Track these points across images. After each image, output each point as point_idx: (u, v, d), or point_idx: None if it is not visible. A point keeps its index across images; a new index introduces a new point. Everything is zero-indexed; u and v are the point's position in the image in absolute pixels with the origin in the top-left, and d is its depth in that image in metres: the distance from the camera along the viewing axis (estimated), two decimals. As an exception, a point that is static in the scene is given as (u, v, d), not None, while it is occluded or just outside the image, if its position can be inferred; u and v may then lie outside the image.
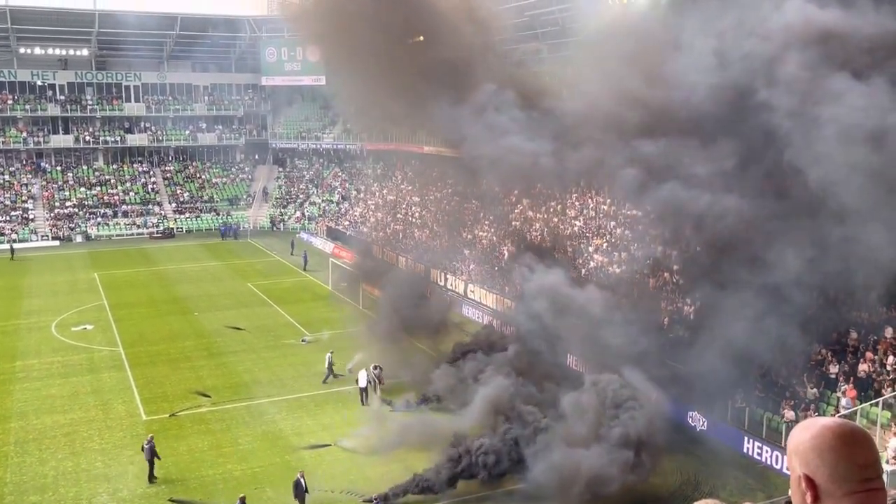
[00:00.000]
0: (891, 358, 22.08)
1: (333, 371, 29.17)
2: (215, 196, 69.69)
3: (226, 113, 73.84)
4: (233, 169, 73.74)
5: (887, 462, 18.82)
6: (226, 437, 24.48)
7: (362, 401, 27.09)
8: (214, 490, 21.20)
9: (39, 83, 67.78)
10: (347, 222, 60.65)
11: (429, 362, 29.38)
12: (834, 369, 23.04)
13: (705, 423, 23.82)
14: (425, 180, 58.16)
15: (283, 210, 68.98)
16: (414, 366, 29.19)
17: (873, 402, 21.05)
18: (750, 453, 22.20)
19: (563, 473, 19.63)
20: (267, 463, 22.78)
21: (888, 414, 20.54)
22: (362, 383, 27.18)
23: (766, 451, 21.71)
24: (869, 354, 22.73)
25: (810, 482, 1.92)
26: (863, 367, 22.47)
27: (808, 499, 1.91)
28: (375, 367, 27.67)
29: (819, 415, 22.03)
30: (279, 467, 22.51)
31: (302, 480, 20.11)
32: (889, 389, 21.13)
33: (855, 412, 21.14)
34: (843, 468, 1.90)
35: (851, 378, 22.37)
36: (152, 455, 21.78)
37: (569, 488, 19.32)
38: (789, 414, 22.23)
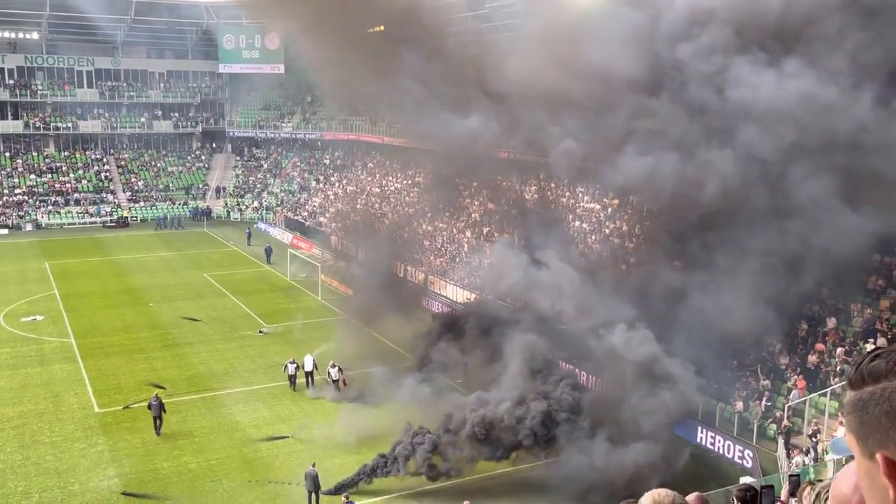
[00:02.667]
0: (839, 349, 22.67)
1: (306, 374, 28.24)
2: (171, 185, 68.51)
3: (182, 100, 72.53)
4: (189, 158, 72.56)
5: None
6: (181, 429, 24.16)
7: (308, 385, 26.99)
8: (169, 483, 20.92)
9: (-13, 67, 65.85)
10: (306, 213, 60.17)
11: (415, 339, 29.10)
12: (785, 360, 23.58)
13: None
14: (385, 171, 58.06)
15: (240, 200, 68.13)
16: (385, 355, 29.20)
17: (821, 391, 21.60)
18: (703, 443, 22.61)
19: (606, 474, 19.41)
20: (223, 455, 22.54)
21: (836, 404, 21.10)
22: (308, 367, 27.10)
23: (719, 441, 22.14)
24: (819, 346, 23.31)
25: None
26: (812, 359, 23.03)
27: None
28: (334, 366, 26.90)
29: (771, 406, 22.55)
30: (236, 459, 22.31)
31: (315, 471, 19.87)
32: (837, 380, 21.69)
33: (804, 402, 21.67)
34: None
35: (800, 370, 22.93)
36: (160, 411, 23.41)
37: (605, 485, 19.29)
38: (739, 405, 22.68)
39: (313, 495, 19.69)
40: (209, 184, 69.81)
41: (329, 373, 26.91)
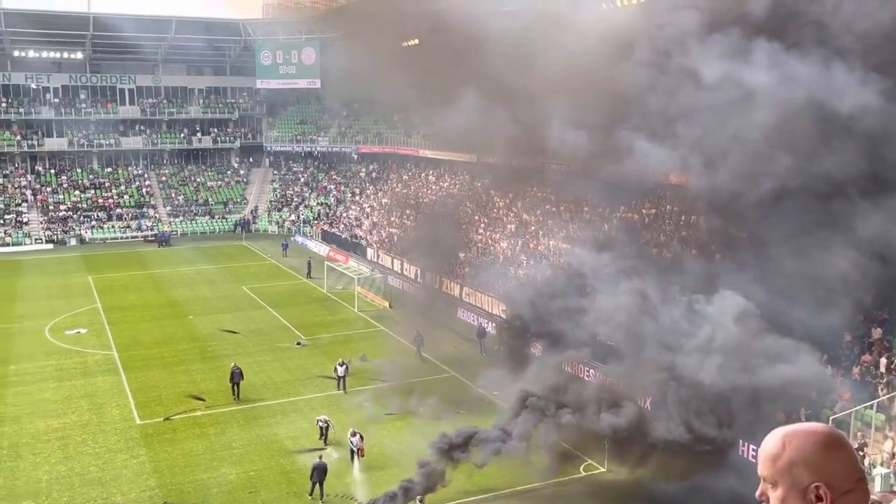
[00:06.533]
0: (883, 359, 22.10)
1: (346, 383, 28.56)
2: (210, 199, 69.51)
3: (221, 116, 73.72)
4: (228, 172, 73.59)
5: (882, 464, 18.84)
6: (220, 441, 24.39)
7: (322, 438, 24.10)
8: (209, 494, 21.11)
9: (33, 86, 67.55)
10: (343, 225, 60.59)
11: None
12: (829, 370, 23.01)
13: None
14: (420, 183, 58.23)
15: (278, 213, 68.87)
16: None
17: (867, 404, 21.04)
18: (745, 455, 22.04)
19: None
20: (262, 466, 22.70)
21: (882, 416, 20.55)
22: (341, 372, 28.32)
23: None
24: (866, 357, 22.73)
25: (830, 487, 2.00)
26: (856, 371, 22.47)
27: None
28: (354, 434, 22.88)
29: (814, 418, 22.02)
30: (273, 471, 22.44)
31: (324, 463, 20.84)
32: (884, 391, 21.14)
33: (850, 414, 21.13)
34: (845, 469, 2.03)
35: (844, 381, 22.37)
36: (240, 378, 27.39)
37: None
38: (781, 416, 22.16)
39: (318, 486, 20.56)
40: (248, 198, 70.71)
41: (350, 442, 22.88)
